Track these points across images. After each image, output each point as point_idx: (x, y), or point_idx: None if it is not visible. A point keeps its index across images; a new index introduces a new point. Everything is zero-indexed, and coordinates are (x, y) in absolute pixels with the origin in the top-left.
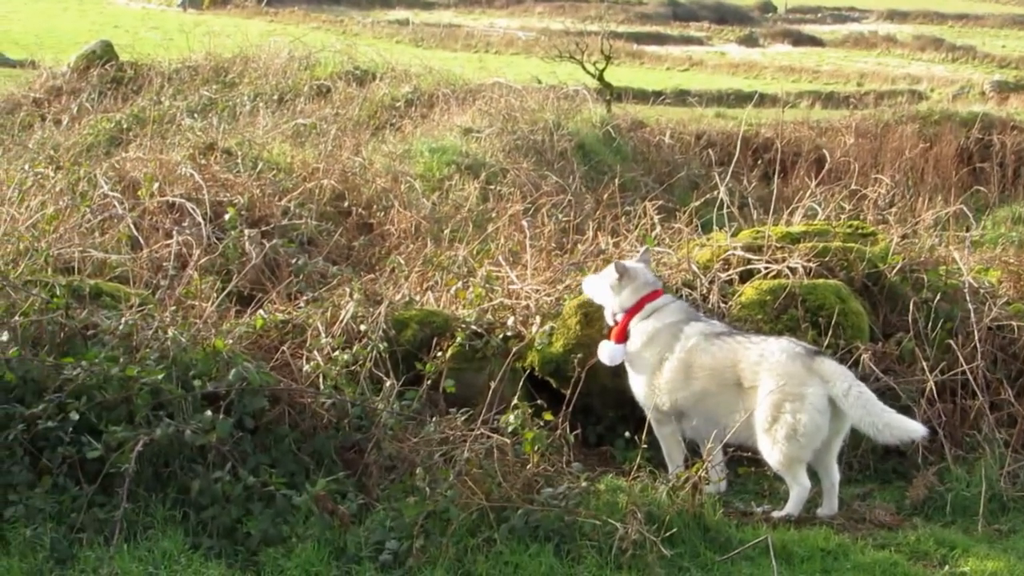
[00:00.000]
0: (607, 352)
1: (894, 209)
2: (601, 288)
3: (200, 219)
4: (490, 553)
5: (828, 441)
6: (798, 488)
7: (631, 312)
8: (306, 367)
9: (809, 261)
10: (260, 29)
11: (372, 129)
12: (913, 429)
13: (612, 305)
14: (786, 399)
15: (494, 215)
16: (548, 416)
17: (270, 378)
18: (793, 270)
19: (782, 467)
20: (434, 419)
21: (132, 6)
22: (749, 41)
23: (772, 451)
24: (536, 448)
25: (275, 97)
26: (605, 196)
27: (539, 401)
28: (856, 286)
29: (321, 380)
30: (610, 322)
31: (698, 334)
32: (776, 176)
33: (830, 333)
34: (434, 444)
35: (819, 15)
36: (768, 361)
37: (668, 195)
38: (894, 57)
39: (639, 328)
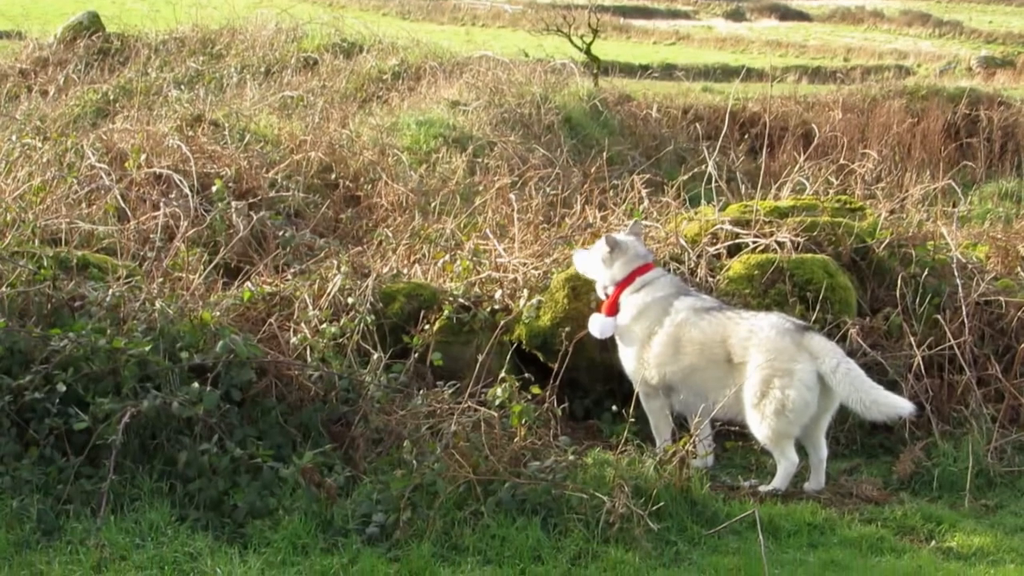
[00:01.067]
0: (597, 325)
1: (882, 184)
2: (592, 262)
3: (187, 191)
4: (477, 526)
5: (817, 417)
6: (786, 463)
7: (622, 285)
8: (293, 339)
9: (797, 236)
10: (247, 1)
11: (359, 102)
12: (901, 406)
13: (603, 279)
14: (775, 375)
15: (481, 188)
16: (535, 390)
17: (257, 350)
18: (781, 245)
19: (770, 442)
20: (421, 392)
21: None
22: (736, 15)
23: (760, 426)
24: (523, 421)
25: (262, 69)
26: (592, 170)
27: (526, 375)
28: (844, 261)
29: (308, 353)
30: (601, 296)
31: (688, 308)
32: (764, 151)
33: (818, 308)
34: (421, 417)
35: None
36: (757, 337)
37: (656, 169)
38: (881, 32)
39: (630, 301)
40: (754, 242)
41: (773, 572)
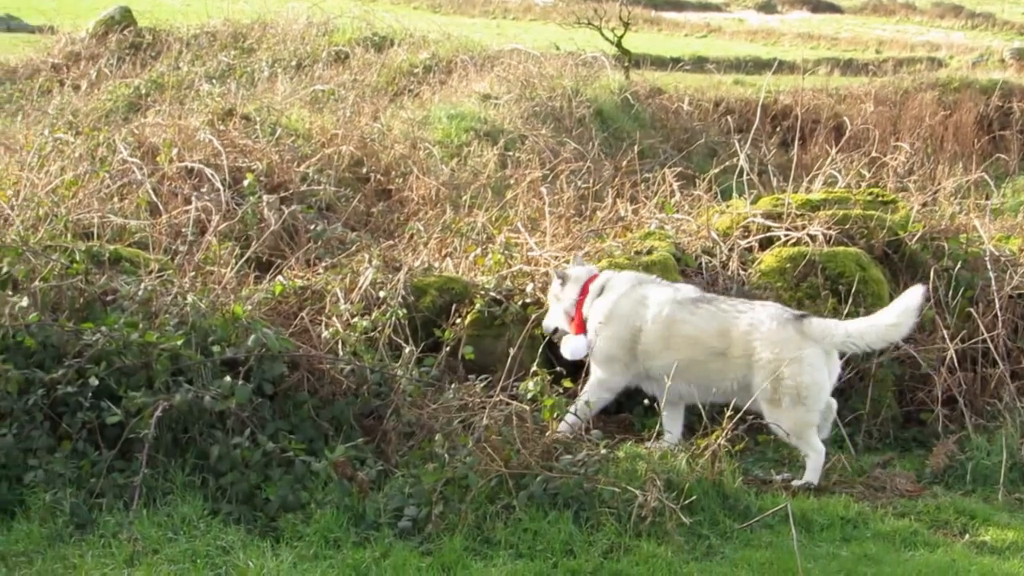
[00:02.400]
0: (569, 347)
1: (914, 177)
2: (554, 310)
3: (219, 185)
4: (509, 520)
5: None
6: (813, 455)
7: (579, 302)
8: (325, 333)
9: (829, 228)
10: None
11: (390, 95)
12: (917, 295)
13: (565, 306)
14: (783, 364)
15: (513, 182)
16: (567, 383)
17: (289, 344)
18: (813, 237)
19: (794, 434)
20: (453, 386)
21: None
22: (767, 8)
23: (782, 419)
24: (555, 415)
25: (293, 63)
26: (624, 163)
27: (558, 368)
28: (876, 254)
29: (340, 346)
30: (566, 327)
31: (670, 302)
32: (795, 143)
33: (850, 301)
34: (453, 411)
35: None
36: (759, 331)
37: (687, 162)
38: (913, 24)
39: (595, 308)
40: (786, 235)
41: (806, 566)
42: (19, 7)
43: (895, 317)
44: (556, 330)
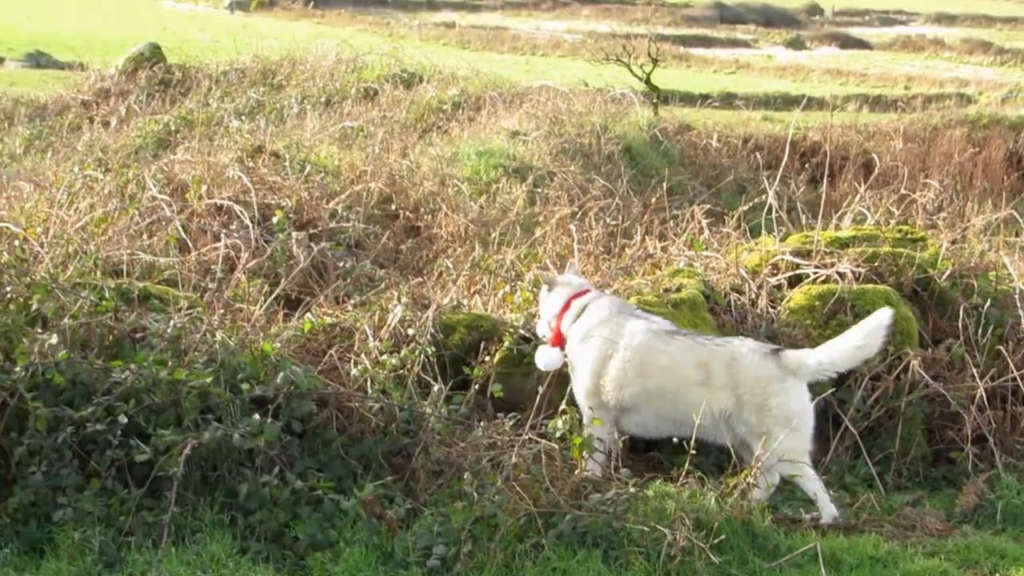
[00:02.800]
0: (543, 358)
1: (943, 214)
2: (541, 317)
3: (248, 222)
4: (538, 559)
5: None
6: (811, 485)
7: (560, 314)
8: (354, 371)
9: (858, 266)
10: (307, 31)
11: (419, 132)
12: (884, 316)
13: (546, 315)
14: (770, 396)
15: (541, 219)
16: (597, 422)
17: (318, 382)
18: (842, 275)
19: (788, 465)
20: (482, 424)
21: (179, 8)
22: (796, 44)
23: (774, 453)
24: (584, 453)
25: (322, 99)
26: (653, 200)
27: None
28: (905, 291)
29: (369, 384)
30: (546, 332)
31: (645, 331)
32: (824, 180)
33: None
34: (482, 449)
35: (866, 18)
36: (742, 363)
37: (716, 199)
38: (942, 60)
39: (574, 329)
40: (815, 272)
41: None
42: (49, 44)
43: (861, 339)
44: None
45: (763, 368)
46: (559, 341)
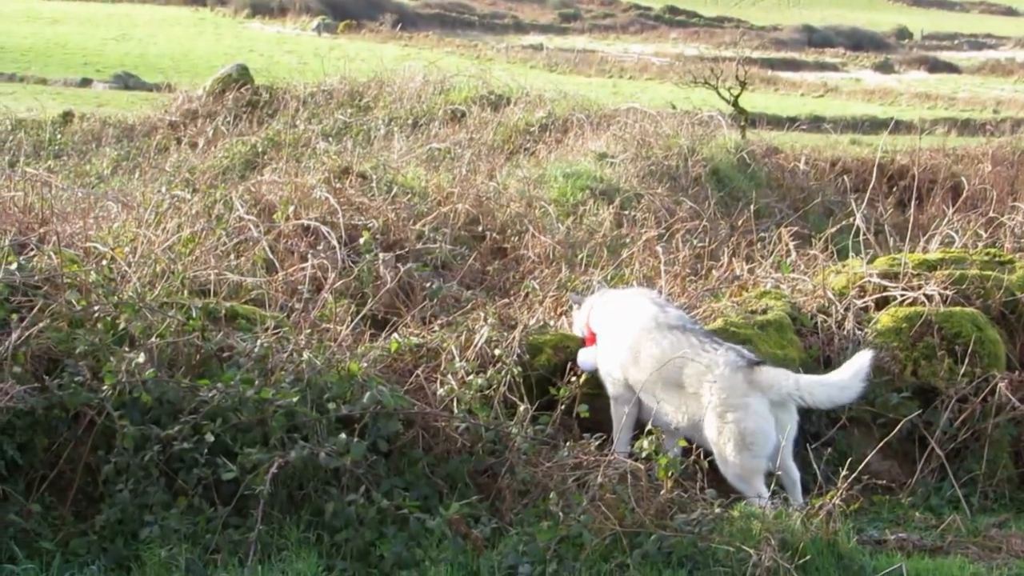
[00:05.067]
0: (582, 357)
1: None
2: (577, 327)
3: (335, 242)
4: None
5: (776, 444)
6: (758, 501)
7: (588, 320)
8: (440, 391)
9: (945, 288)
10: (394, 53)
11: (506, 154)
12: (865, 359)
13: (578, 326)
14: (728, 410)
15: (628, 240)
16: (682, 442)
17: (404, 401)
18: (929, 297)
19: (740, 480)
20: (568, 444)
21: (267, 30)
22: (884, 67)
23: (728, 466)
24: (670, 474)
25: (409, 121)
26: (740, 222)
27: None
28: (993, 314)
29: (455, 404)
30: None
31: (652, 319)
32: (912, 203)
33: (966, 361)
34: (567, 469)
35: (955, 42)
36: (712, 373)
37: (803, 222)
38: None
39: (596, 316)
40: (902, 295)
41: None
42: (137, 65)
43: (847, 380)
44: None
45: (729, 380)
46: (594, 340)
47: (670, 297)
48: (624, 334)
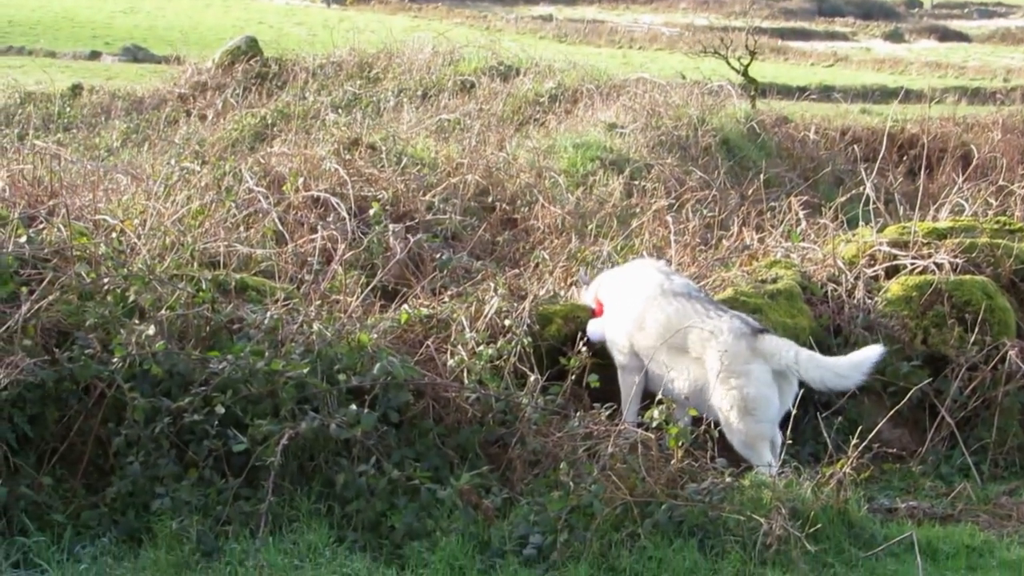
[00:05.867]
0: (591, 328)
1: None
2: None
3: (345, 214)
4: (634, 548)
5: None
6: (764, 469)
7: (595, 295)
8: (450, 362)
9: (956, 257)
10: (404, 25)
11: (516, 124)
12: (871, 353)
13: (588, 301)
14: (731, 376)
15: (638, 211)
16: (692, 412)
17: (415, 372)
18: (939, 266)
19: (745, 447)
20: (578, 414)
21: (276, 2)
22: (894, 37)
23: (733, 433)
24: (680, 443)
25: (419, 92)
26: (750, 192)
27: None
28: (1003, 282)
29: (465, 375)
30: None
31: (657, 286)
32: (922, 172)
33: (976, 329)
34: (578, 439)
35: (965, 10)
36: (716, 340)
37: (813, 191)
38: None
39: (604, 287)
40: (912, 263)
41: None
42: (146, 38)
43: (845, 368)
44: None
45: (732, 346)
46: (602, 311)
47: (680, 267)
48: (630, 302)
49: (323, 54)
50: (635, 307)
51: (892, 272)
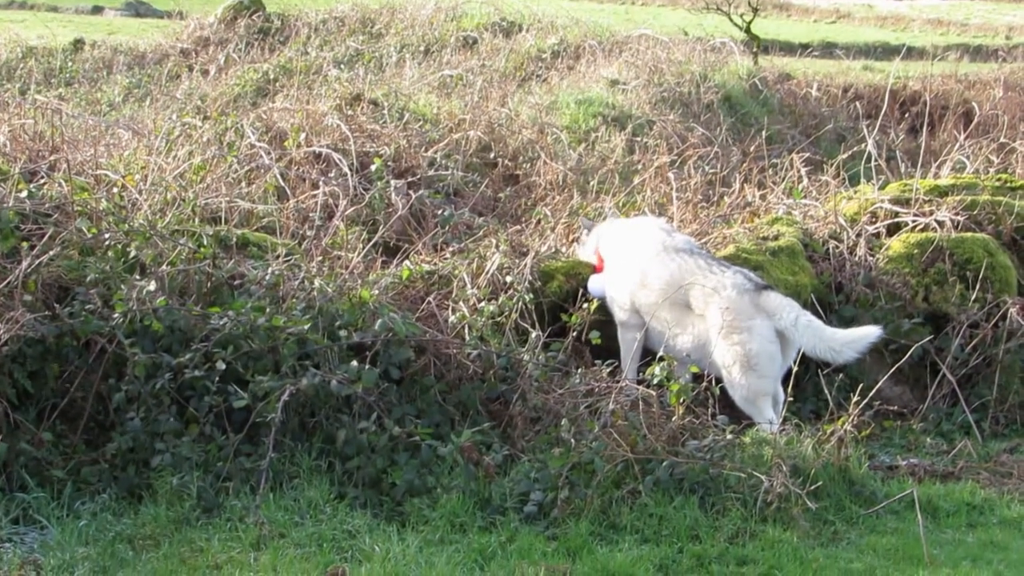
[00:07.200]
0: (592, 284)
1: None
2: (586, 254)
3: (346, 170)
4: (635, 505)
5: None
6: (766, 425)
7: (597, 241)
8: (452, 318)
9: (957, 214)
10: None
11: (518, 81)
12: (868, 332)
13: (588, 255)
14: (734, 331)
15: (640, 167)
16: (693, 369)
17: (416, 329)
18: (941, 223)
19: (747, 402)
20: (579, 371)
21: None
22: None
23: (735, 388)
24: (681, 400)
25: (421, 48)
26: (752, 148)
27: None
28: (1004, 240)
29: (467, 331)
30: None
31: (659, 243)
32: (924, 129)
33: (978, 287)
34: (579, 396)
35: None
36: (719, 295)
37: (815, 148)
38: None
39: (604, 243)
40: (913, 221)
41: (932, 552)
42: None
43: (839, 344)
44: None
45: (735, 302)
46: (603, 266)
47: (682, 223)
48: (632, 259)
49: (325, 9)
50: (638, 264)
51: (893, 229)
